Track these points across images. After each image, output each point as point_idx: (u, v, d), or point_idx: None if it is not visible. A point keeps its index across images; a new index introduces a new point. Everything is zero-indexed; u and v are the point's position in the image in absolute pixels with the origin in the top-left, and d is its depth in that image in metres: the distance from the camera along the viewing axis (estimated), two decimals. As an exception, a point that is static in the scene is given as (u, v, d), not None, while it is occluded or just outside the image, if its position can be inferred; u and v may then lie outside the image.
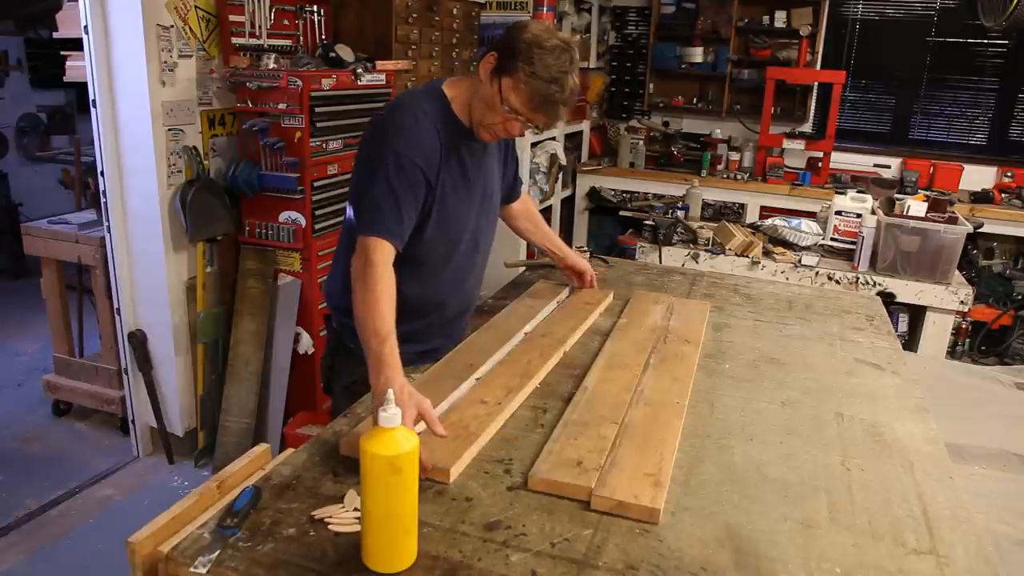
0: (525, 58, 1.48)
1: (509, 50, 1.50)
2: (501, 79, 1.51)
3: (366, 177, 1.56)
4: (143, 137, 2.78)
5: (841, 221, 3.71)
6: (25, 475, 3.05)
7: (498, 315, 1.98)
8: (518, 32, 1.52)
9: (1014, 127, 5.20)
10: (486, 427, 1.40)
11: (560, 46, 1.49)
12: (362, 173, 1.60)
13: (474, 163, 1.69)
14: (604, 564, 1.08)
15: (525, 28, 1.52)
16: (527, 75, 1.48)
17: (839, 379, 1.78)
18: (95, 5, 2.69)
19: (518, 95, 1.51)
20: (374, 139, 1.60)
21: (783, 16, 5.22)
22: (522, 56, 1.48)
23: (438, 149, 1.58)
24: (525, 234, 2.14)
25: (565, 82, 1.49)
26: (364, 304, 1.45)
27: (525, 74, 1.48)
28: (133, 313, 3.04)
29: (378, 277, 1.46)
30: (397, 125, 1.57)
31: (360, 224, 1.54)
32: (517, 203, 2.08)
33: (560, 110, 1.54)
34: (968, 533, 1.21)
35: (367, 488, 1.01)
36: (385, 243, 1.49)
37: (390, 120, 1.59)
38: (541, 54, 1.47)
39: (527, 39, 1.49)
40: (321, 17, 3.28)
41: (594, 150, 5.85)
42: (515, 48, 1.49)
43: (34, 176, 5.75)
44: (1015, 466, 2.41)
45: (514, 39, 1.51)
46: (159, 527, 1.08)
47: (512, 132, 1.60)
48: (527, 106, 1.52)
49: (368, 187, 1.54)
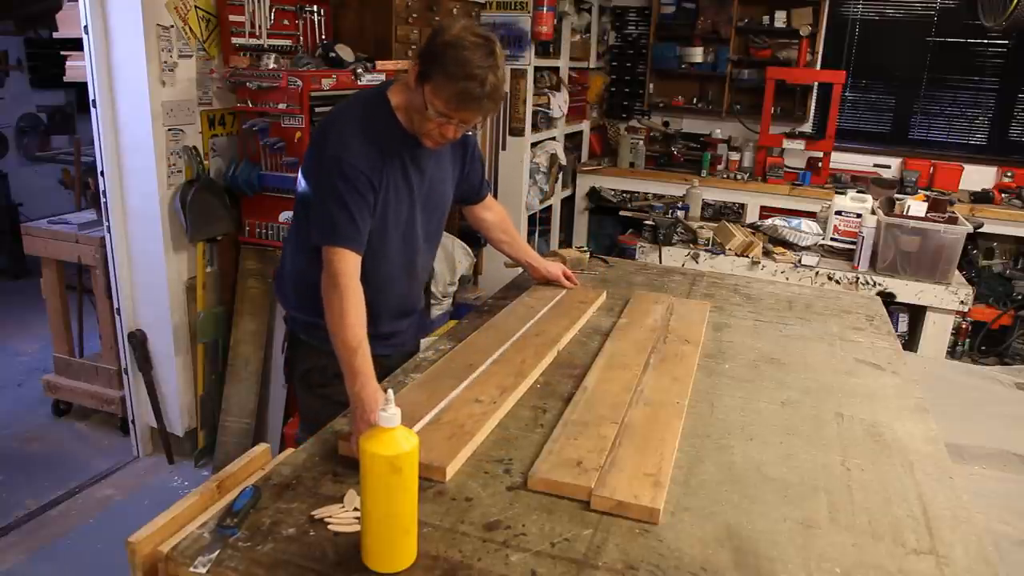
0: (442, 60, 1.50)
1: (429, 55, 1.52)
2: (424, 85, 1.53)
3: (315, 187, 1.61)
4: (143, 137, 2.78)
5: (841, 221, 3.71)
6: (25, 475, 3.05)
7: (498, 315, 1.98)
8: (437, 36, 1.54)
9: (1014, 127, 5.20)
10: (482, 426, 1.41)
11: (477, 42, 1.50)
12: (311, 181, 1.64)
13: (416, 169, 1.71)
14: (604, 564, 1.08)
15: (444, 31, 1.54)
16: (445, 77, 1.50)
17: (839, 379, 1.78)
18: (95, 5, 2.69)
19: (439, 98, 1.52)
20: (320, 146, 1.61)
21: (783, 16, 5.22)
22: (439, 59, 1.50)
23: (379, 156, 1.60)
24: (500, 245, 2.17)
25: (484, 77, 1.49)
26: (333, 317, 1.49)
27: (443, 76, 1.50)
28: (133, 313, 3.04)
29: (344, 288, 1.50)
30: (340, 132, 1.60)
31: (319, 237, 1.56)
32: (491, 214, 2.12)
33: (484, 105, 1.54)
34: (968, 533, 1.21)
35: (367, 488, 1.02)
36: (347, 252, 1.53)
37: (334, 128, 1.62)
38: (456, 53, 1.48)
39: (444, 41, 1.51)
40: (321, 17, 3.28)
41: (594, 150, 5.85)
42: (433, 52, 1.51)
43: (34, 176, 5.74)
44: (1015, 466, 2.41)
45: (433, 44, 1.53)
46: (159, 527, 1.08)
47: (447, 135, 1.60)
48: (449, 107, 1.53)
49: (321, 199, 1.58)
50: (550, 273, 2.22)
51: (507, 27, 4.41)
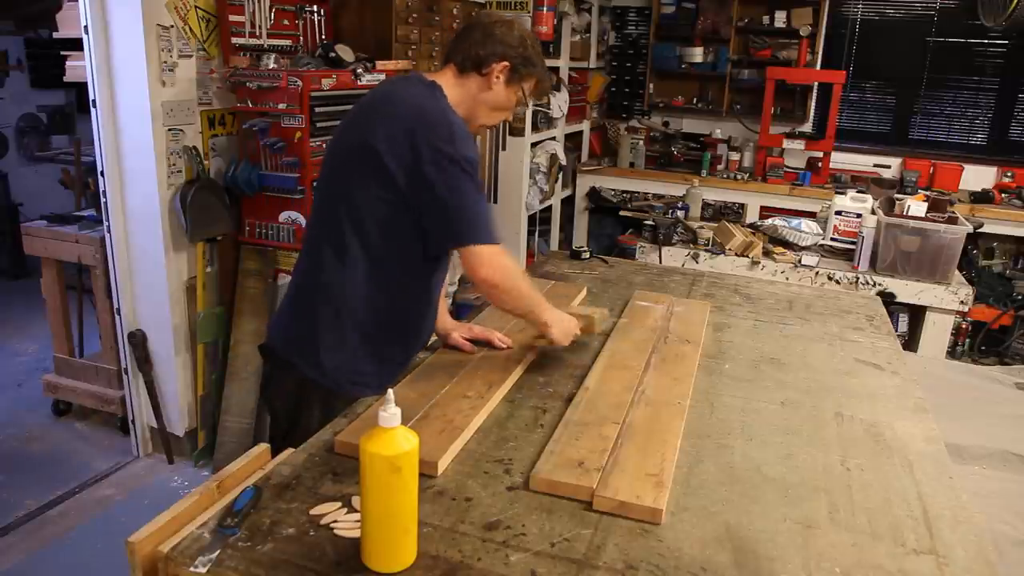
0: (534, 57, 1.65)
1: (525, 60, 1.63)
2: (522, 83, 1.65)
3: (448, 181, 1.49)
4: (143, 137, 2.78)
5: (841, 221, 3.71)
6: (25, 475, 3.05)
7: (484, 311, 2.00)
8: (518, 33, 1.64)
9: (1014, 127, 5.20)
10: (471, 420, 1.42)
11: (528, 32, 1.68)
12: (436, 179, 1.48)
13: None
14: (604, 564, 1.08)
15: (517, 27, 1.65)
16: (540, 70, 1.67)
17: (839, 379, 1.78)
18: (95, 5, 2.69)
19: (534, 91, 1.70)
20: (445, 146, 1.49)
21: (783, 16, 5.22)
22: (530, 54, 1.63)
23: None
24: None
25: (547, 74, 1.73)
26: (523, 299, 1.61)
27: (539, 70, 1.67)
28: (133, 313, 3.04)
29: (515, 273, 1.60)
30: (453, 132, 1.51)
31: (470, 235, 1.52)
32: None
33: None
34: (968, 533, 1.21)
35: (367, 488, 1.01)
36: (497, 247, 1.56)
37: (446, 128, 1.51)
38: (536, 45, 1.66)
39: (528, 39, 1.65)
40: (321, 17, 3.28)
41: (594, 150, 5.85)
42: (528, 58, 1.64)
43: (34, 176, 5.74)
44: (1015, 466, 2.41)
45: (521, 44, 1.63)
46: (159, 527, 1.08)
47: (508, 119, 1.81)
48: (535, 96, 1.73)
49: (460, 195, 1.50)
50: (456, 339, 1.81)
51: (507, 27, 4.40)
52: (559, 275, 2.44)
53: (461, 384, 1.57)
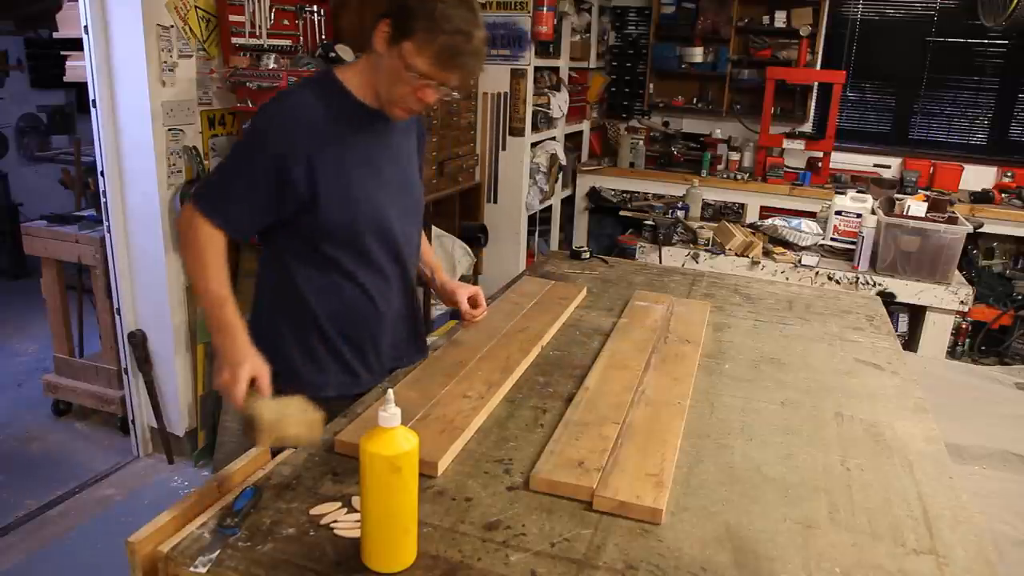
0: (423, 15, 1.35)
1: (404, 11, 1.36)
2: (402, 44, 1.37)
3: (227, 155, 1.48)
4: (143, 137, 2.78)
5: (841, 221, 3.71)
6: (25, 475, 3.05)
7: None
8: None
9: (1014, 127, 5.20)
10: (471, 421, 1.42)
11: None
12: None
13: (381, 147, 1.56)
14: (604, 564, 1.08)
15: None
16: (429, 32, 1.35)
17: (839, 379, 1.78)
18: (95, 5, 2.69)
19: (423, 56, 1.36)
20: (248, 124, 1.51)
21: (783, 16, 5.22)
22: (419, 14, 1.35)
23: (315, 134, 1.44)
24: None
25: (471, 33, 1.37)
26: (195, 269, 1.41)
27: (426, 30, 1.35)
28: (133, 313, 3.04)
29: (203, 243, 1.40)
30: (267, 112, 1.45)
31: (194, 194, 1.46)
32: None
33: (473, 64, 1.41)
34: (968, 533, 1.21)
35: (367, 488, 1.01)
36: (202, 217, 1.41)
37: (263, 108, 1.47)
38: (435, 6, 1.35)
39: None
40: (321, 17, 3.28)
41: (594, 150, 5.86)
42: (409, 7, 1.36)
43: (34, 176, 5.75)
44: (1015, 466, 2.41)
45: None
46: (159, 527, 1.08)
47: (427, 100, 1.43)
48: (436, 66, 1.37)
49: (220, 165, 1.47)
50: (454, 295, 1.80)
51: (507, 27, 4.41)
52: (559, 275, 2.44)
53: (461, 384, 1.57)
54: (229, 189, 1.43)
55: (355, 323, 1.59)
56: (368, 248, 1.55)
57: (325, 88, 1.49)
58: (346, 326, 1.58)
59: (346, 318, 1.58)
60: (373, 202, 1.53)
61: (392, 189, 1.58)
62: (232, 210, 1.43)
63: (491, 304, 2.05)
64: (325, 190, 1.45)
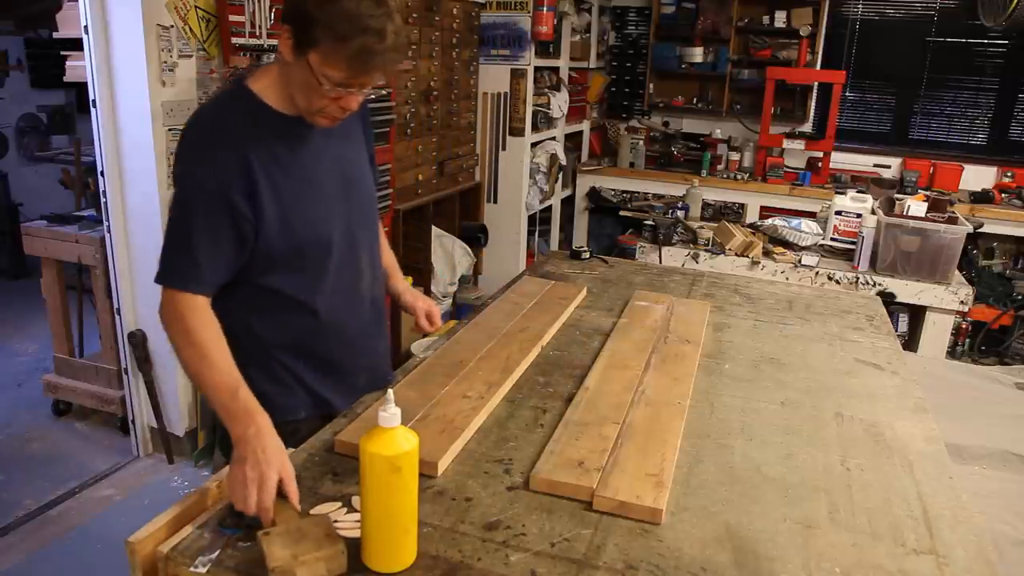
0: (323, 20, 1.20)
1: (303, 18, 1.22)
2: (308, 55, 1.23)
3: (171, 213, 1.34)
4: (143, 137, 2.78)
5: (841, 221, 3.72)
6: (25, 475, 3.05)
7: (484, 312, 1.99)
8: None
9: (1014, 127, 5.20)
10: (471, 421, 1.42)
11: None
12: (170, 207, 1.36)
13: (314, 157, 1.41)
14: (604, 564, 1.08)
15: None
16: (334, 39, 1.20)
17: (839, 379, 1.78)
18: (95, 5, 2.69)
19: (334, 67, 1.23)
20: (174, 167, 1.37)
21: (783, 16, 5.22)
22: (318, 19, 1.20)
23: (242, 161, 1.31)
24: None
25: (383, 28, 1.21)
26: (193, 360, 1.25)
27: (331, 39, 1.20)
28: (133, 313, 3.04)
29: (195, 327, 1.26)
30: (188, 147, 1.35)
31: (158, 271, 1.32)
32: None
33: (388, 60, 1.25)
34: (968, 533, 1.21)
35: (367, 488, 1.01)
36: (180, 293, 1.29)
37: (182, 144, 1.36)
38: (338, 7, 1.19)
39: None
40: (321, 17, 3.27)
41: (594, 150, 5.86)
42: (307, 13, 1.21)
43: (34, 176, 5.75)
44: (1015, 466, 2.41)
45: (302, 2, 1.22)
46: (159, 527, 1.08)
47: (350, 107, 1.31)
48: (350, 73, 1.24)
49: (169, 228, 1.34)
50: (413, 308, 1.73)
51: (507, 27, 4.41)
52: (559, 275, 2.44)
53: (461, 384, 1.57)
54: (191, 251, 1.29)
55: (314, 353, 1.50)
56: (318, 271, 1.44)
57: (240, 104, 1.36)
58: (305, 356, 1.49)
59: (305, 349, 1.49)
60: (315, 222, 1.41)
61: (335, 201, 1.45)
62: (205, 269, 1.30)
63: (491, 304, 2.05)
64: (265, 216, 1.33)
